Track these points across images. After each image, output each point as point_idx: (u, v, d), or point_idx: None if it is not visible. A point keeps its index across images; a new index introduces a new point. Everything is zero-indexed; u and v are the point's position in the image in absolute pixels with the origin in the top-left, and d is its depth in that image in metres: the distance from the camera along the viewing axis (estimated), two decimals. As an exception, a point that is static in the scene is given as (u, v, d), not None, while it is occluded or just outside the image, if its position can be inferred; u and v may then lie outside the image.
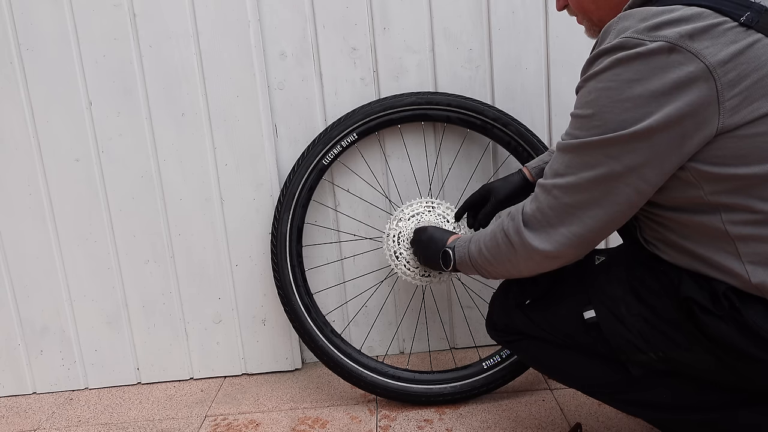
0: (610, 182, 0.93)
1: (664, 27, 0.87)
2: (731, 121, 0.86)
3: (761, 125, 0.86)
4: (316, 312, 1.61)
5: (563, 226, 0.98)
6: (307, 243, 1.74)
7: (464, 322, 1.80)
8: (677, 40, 0.85)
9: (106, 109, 1.65)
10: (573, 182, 0.96)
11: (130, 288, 1.75)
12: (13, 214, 1.71)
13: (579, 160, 0.95)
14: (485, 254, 1.13)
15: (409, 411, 1.53)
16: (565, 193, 0.97)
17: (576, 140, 0.95)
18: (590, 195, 0.95)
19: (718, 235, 0.94)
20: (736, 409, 1.02)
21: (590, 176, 0.94)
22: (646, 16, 0.90)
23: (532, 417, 1.46)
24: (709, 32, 0.85)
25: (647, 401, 1.10)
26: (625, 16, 0.93)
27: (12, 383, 1.80)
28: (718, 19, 0.86)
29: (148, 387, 1.79)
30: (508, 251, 1.07)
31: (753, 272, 0.92)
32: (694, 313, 0.97)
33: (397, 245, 1.52)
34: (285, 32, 1.65)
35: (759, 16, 0.86)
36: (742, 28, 0.86)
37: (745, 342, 0.94)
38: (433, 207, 1.55)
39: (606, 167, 0.92)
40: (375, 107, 1.62)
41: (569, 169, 0.96)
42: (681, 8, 0.88)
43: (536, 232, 1.01)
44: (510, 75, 1.67)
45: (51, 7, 1.60)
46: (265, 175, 1.69)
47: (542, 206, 1.00)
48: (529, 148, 1.58)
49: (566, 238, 0.99)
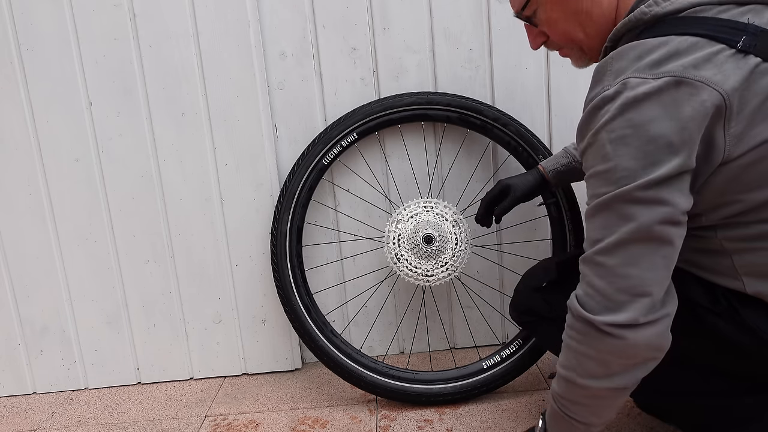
0: (652, 228, 0.86)
1: (664, 62, 0.84)
2: (735, 149, 0.85)
3: (761, 151, 0.85)
4: (316, 312, 1.61)
5: (622, 293, 0.88)
6: (307, 243, 1.74)
7: (464, 322, 1.80)
8: (683, 72, 0.83)
9: (106, 109, 1.66)
10: (615, 240, 0.87)
11: (130, 288, 1.75)
12: (13, 214, 1.71)
13: (613, 216, 0.87)
14: (565, 372, 0.98)
15: (409, 411, 1.53)
16: (610, 256, 0.88)
17: (603, 197, 0.88)
18: (637, 249, 0.87)
19: (715, 247, 0.95)
20: (739, 397, 1.03)
21: (631, 228, 0.86)
22: (640, 53, 0.86)
23: (532, 417, 1.46)
24: (711, 61, 0.83)
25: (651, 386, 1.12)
26: (618, 55, 0.89)
27: (12, 383, 1.80)
28: (715, 48, 0.84)
29: (148, 387, 1.79)
30: (586, 347, 0.93)
31: (749, 283, 0.94)
32: (695, 309, 0.99)
33: (398, 247, 1.52)
34: (285, 32, 1.65)
35: (755, 39, 0.84)
36: (741, 54, 0.83)
37: (743, 338, 0.95)
38: (431, 207, 1.55)
39: (643, 216, 0.85)
40: (375, 107, 1.62)
41: (606, 231, 0.88)
42: (674, 39, 0.85)
43: (597, 309, 0.90)
44: (510, 75, 1.67)
45: (51, 7, 1.60)
46: (265, 175, 1.69)
47: (592, 281, 0.90)
48: (529, 148, 1.58)
49: (631, 302, 0.88)
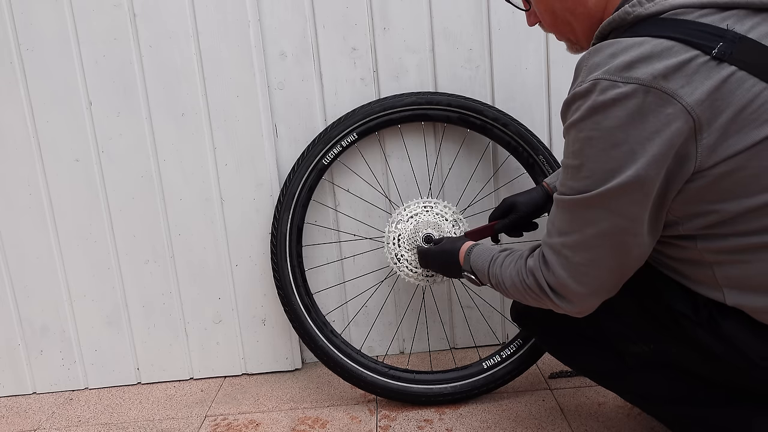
0: (615, 234, 0.93)
1: (635, 66, 0.84)
2: (708, 160, 0.85)
3: (736, 161, 0.84)
4: (316, 312, 1.61)
5: (582, 286, 0.98)
6: (307, 243, 1.74)
7: (464, 322, 1.80)
8: (651, 82, 0.83)
9: (106, 109, 1.65)
10: (579, 240, 0.95)
11: (130, 288, 1.75)
12: (13, 214, 1.71)
13: (579, 217, 0.94)
14: (507, 293, 1.14)
15: (409, 411, 1.53)
16: (574, 252, 0.96)
17: (572, 196, 0.94)
18: (599, 250, 0.95)
19: (696, 258, 0.95)
20: (729, 405, 1.04)
21: (594, 232, 0.93)
22: (615, 51, 0.87)
23: (532, 417, 1.46)
24: (681, 70, 0.83)
25: (644, 392, 1.13)
26: (595, 50, 0.90)
27: (12, 383, 1.80)
28: (689, 54, 0.83)
29: (148, 387, 1.79)
30: (537, 301, 1.07)
31: (728, 294, 0.94)
32: (677, 317, 1.00)
33: (398, 248, 1.52)
34: (285, 32, 1.65)
35: (732, 46, 0.83)
36: (715, 62, 0.83)
37: (723, 349, 0.96)
38: (430, 207, 1.55)
39: (607, 221, 0.92)
40: (375, 107, 1.62)
41: (572, 227, 0.96)
42: (650, 41, 0.85)
43: (559, 296, 1.02)
44: (510, 75, 1.67)
45: (51, 7, 1.60)
46: (265, 175, 1.69)
47: (556, 270, 0.99)
48: (529, 148, 1.58)
49: (589, 296, 1.00)
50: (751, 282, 0.91)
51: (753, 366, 0.95)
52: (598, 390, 1.53)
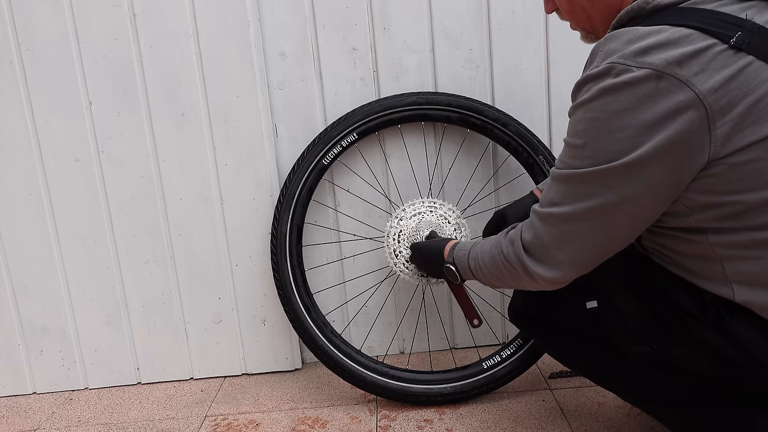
0: (607, 212, 0.93)
1: (651, 52, 0.84)
2: (722, 149, 0.84)
3: (752, 152, 0.84)
4: (316, 312, 1.61)
5: (563, 253, 0.98)
6: (307, 243, 1.74)
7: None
8: (665, 68, 0.83)
9: (106, 109, 1.65)
10: (569, 212, 0.95)
11: (130, 288, 1.75)
12: (13, 214, 1.71)
13: (574, 191, 0.94)
14: (485, 272, 1.14)
15: (409, 411, 1.53)
16: (561, 222, 0.97)
17: (570, 170, 0.94)
18: (587, 224, 0.95)
19: (706, 253, 0.94)
20: (733, 405, 1.03)
21: (586, 206, 0.93)
22: (632, 37, 0.87)
23: (532, 417, 1.46)
24: (697, 57, 0.82)
25: (645, 392, 1.13)
26: (612, 36, 0.90)
27: (12, 383, 1.80)
28: (706, 42, 0.83)
29: (148, 387, 1.79)
30: (511, 275, 1.07)
31: (738, 290, 0.93)
32: (683, 317, 0.99)
33: (397, 243, 1.52)
34: (285, 32, 1.65)
35: (750, 36, 0.82)
36: (732, 51, 0.82)
37: (729, 348, 0.96)
38: (435, 207, 1.55)
39: (601, 198, 0.91)
40: (375, 107, 1.62)
41: (565, 199, 0.95)
42: (668, 29, 0.85)
43: (537, 259, 1.01)
44: (510, 75, 1.67)
45: (51, 7, 1.60)
46: (265, 175, 1.69)
47: (540, 234, 0.99)
48: (529, 149, 1.58)
49: (567, 265, 0.99)
50: (763, 278, 0.90)
51: (760, 365, 0.94)
52: (598, 390, 1.53)
